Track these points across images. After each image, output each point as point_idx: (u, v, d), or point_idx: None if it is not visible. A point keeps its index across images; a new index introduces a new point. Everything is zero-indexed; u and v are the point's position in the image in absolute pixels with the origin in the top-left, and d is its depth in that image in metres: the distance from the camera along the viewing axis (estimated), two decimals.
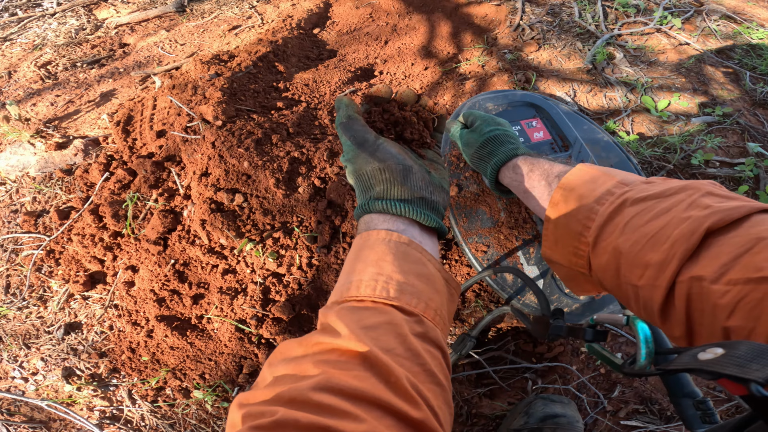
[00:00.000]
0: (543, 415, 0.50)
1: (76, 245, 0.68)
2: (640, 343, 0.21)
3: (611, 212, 0.29)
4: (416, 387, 0.21)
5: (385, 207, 0.29)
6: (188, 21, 1.10)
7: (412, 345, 0.23)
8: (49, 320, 0.66)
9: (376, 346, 0.21)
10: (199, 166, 0.66)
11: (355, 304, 0.25)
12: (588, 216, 0.30)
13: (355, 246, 0.29)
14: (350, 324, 0.22)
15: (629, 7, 1.03)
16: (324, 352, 0.21)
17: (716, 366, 0.16)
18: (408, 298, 0.25)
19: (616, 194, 0.30)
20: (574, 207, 0.32)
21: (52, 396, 0.60)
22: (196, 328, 0.62)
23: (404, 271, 0.26)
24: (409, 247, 0.28)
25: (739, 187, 0.79)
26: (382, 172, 0.30)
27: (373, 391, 0.19)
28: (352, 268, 0.27)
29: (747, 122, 0.87)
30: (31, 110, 0.91)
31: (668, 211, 0.26)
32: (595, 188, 0.31)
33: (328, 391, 0.19)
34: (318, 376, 0.19)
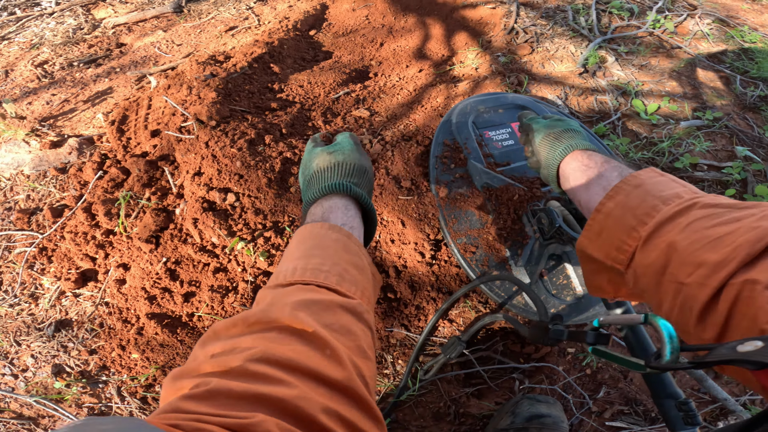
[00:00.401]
0: (529, 415, 0.51)
1: (69, 243, 0.68)
2: (664, 338, 0.20)
3: (676, 212, 0.28)
4: (351, 358, 0.23)
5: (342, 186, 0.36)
6: (185, 22, 1.12)
7: (348, 323, 0.25)
8: (40, 317, 0.67)
9: (316, 322, 0.23)
10: (192, 165, 0.67)
11: (300, 287, 0.27)
12: (648, 212, 0.30)
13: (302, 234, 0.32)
14: (292, 303, 0.24)
15: (623, 11, 1.05)
16: (264, 329, 0.22)
17: (759, 356, 0.16)
18: (348, 285, 0.28)
19: (684, 198, 0.29)
20: (636, 202, 0.31)
21: (41, 393, 0.60)
22: (187, 326, 0.62)
23: (345, 261, 0.30)
24: (349, 239, 0.32)
25: (726, 190, 0.80)
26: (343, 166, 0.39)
27: (308, 362, 0.20)
28: (297, 255, 0.30)
29: (736, 126, 0.89)
30: (27, 108, 0.92)
31: (738, 220, 0.25)
32: (663, 189, 0.31)
33: (263, 362, 0.19)
34: (255, 348, 0.20)
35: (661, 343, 0.20)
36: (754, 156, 0.85)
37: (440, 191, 0.65)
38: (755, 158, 0.84)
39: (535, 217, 0.57)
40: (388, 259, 0.65)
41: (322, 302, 0.25)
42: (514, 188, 0.64)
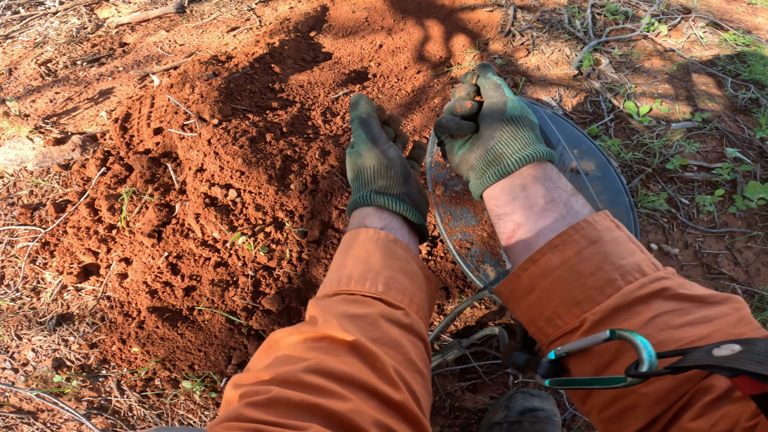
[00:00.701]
0: (522, 409, 0.52)
1: (71, 237, 0.70)
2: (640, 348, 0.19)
3: (639, 297, 0.22)
4: (399, 373, 0.22)
5: (385, 202, 0.31)
6: (188, 22, 1.14)
7: (397, 336, 0.24)
8: (42, 311, 0.68)
9: (363, 336, 0.23)
10: (194, 162, 0.69)
11: (345, 297, 0.26)
12: (602, 288, 0.23)
13: (346, 242, 0.31)
14: (339, 316, 0.24)
15: (618, 14, 1.08)
16: (315, 340, 0.23)
17: (735, 362, 0.15)
18: (394, 293, 0.27)
19: (649, 276, 0.23)
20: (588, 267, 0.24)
21: (41, 386, 0.61)
22: (187, 320, 0.64)
23: (391, 268, 0.28)
24: (395, 245, 0.29)
25: (716, 190, 0.82)
26: (388, 170, 0.32)
27: (360, 375, 0.21)
28: (343, 264, 0.29)
29: (726, 128, 0.91)
30: (31, 106, 0.94)
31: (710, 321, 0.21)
32: (623, 255, 0.24)
33: (318, 374, 0.20)
34: (309, 360, 0.21)
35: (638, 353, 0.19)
36: (743, 157, 0.86)
37: (436, 189, 0.67)
38: (745, 159, 0.86)
39: None
40: None
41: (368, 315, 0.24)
42: None
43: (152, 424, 0.61)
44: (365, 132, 0.34)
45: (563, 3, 1.09)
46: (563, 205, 0.28)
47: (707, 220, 0.80)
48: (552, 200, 0.28)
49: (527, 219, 0.28)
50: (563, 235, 0.26)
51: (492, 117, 0.31)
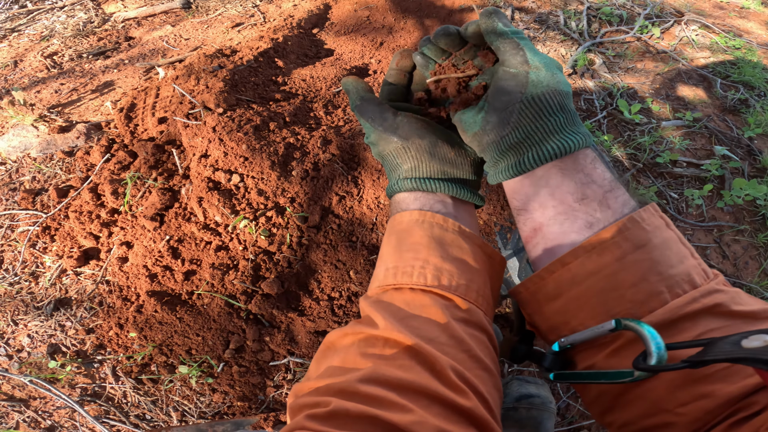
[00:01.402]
0: (518, 395, 0.52)
1: (73, 222, 0.70)
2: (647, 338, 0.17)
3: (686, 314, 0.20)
4: (462, 375, 0.20)
5: (414, 185, 0.27)
6: (193, 17, 1.16)
7: (455, 331, 0.21)
8: (40, 296, 0.68)
9: (417, 336, 0.21)
10: (199, 148, 0.70)
11: (393, 293, 0.24)
12: (644, 301, 0.20)
13: (390, 229, 0.27)
14: (387, 317, 0.22)
15: (612, 17, 1.12)
16: (369, 343, 0.21)
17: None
18: (447, 281, 0.23)
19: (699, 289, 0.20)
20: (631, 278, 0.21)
21: (35, 373, 0.61)
22: (186, 304, 0.64)
23: (442, 254, 0.24)
24: (444, 225, 0.25)
25: (704, 186, 0.84)
26: (407, 150, 0.27)
27: (419, 380, 0.19)
28: (389, 254, 0.26)
29: (716, 127, 0.94)
30: (36, 97, 0.95)
31: None
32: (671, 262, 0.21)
33: (374, 383, 0.19)
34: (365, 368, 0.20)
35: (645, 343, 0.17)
36: (731, 155, 0.89)
37: None
38: (733, 157, 0.89)
39: None
40: None
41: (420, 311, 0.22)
42: None
43: (146, 411, 0.60)
44: (366, 119, 0.29)
45: (559, 5, 1.13)
46: (597, 204, 0.23)
47: (696, 214, 0.81)
48: (583, 198, 0.23)
49: (551, 220, 0.24)
50: (602, 236, 0.21)
51: (507, 95, 0.24)
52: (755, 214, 0.83)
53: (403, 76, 0.31)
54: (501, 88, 0.24)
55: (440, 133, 0.28)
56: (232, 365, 0.62)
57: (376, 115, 0.28)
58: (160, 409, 0.61)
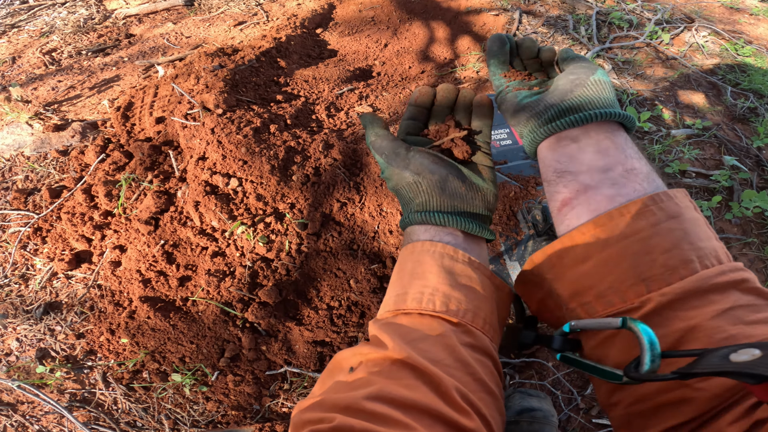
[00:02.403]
0: (520, 409, 0.51)
1: (65, 223, 0.68)
2: (644, 345, 0.18)
3: (716, 284, 0.20)
4: (467, 397, 0.20)
5: (425, 218, 0.28)
6: (195, 15, 1.14)
7: (461, 355, 0.22)
8: (29, 299, 0.65)
9: (424, 358, 0.21)
10: (196, 150, 0.68)
11: (403, 318, 0.25)
12: (676, 267, 0.21)
13: (401, 258, 0.29)
14: (396, 338, 0.22)
15: (622, 21, 1.09)
16: (376, 363, 0.22)
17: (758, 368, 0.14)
18: (455, 309, 0.24)
19: (726, 265, 0.21)
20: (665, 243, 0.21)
21: (23, 377, 0.59)
22: (180, 311, 0.61)
23: (450, 282, 0.25)
24: (454, 255, 0.26)
25: (713, 197, 0.82)
26: (419, 185, 0.29)
27: (424, 400, 0.19)
28: (400, 281, 0.27)
29: (725, 136, 0.92)
30: (32, 93, 0.93)
31: None
32: (701, 237, 0.22)
33: (380, 401, 0.19)
34: (371, 386, 0.20)
35: (641, 350, 0.18)
36: (740, 165, 0.87)
37: None
38: (742, 168, 0.87)
39: (530, 214, 0.58)
40: (386, 250, 0.65)
41: (428, 334, 0.23)
42: (511, 186, 0.65)
43: (137, 418, 0.58)
44: (380, 155, 0.31)
45: (568, 9, 1.10)
46: (644, 177, 0.23)
47: None
48: (632, 169, 0.24)
49: (599, 183, 0.24)
50: (641, 202, 0.22)
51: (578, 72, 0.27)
52: (763, 226, 0.81)
53: (420, 112, 0.34)
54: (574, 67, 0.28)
55: (451, 169, 0.30)
56: (227, 374, 0.59)
57: (390, 151, 0.31)
58: (152, 416, 0.59)
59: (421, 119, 0.34)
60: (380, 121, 0.32)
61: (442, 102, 0.34)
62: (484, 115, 0.33)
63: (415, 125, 0.33)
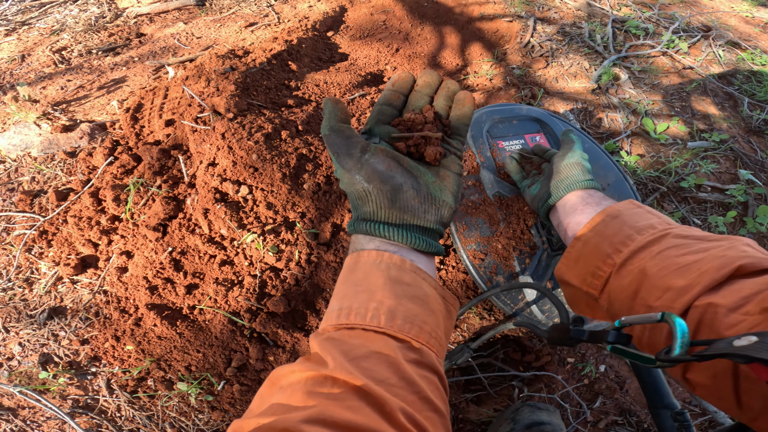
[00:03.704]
0: (529, 422, 0.50)
1: (71, 227, 0.65)
2: (676, 334, 0.21)
3: (649, 241, 0.30)
4: (412, 417, 0.20)
5: (371, 229, 0.27)
6: (206, 15, 1.11)
7: (406, 373, 0.22)
8: (33, 303, 0.63)
9: (368, 377, 0.20)
10: (206, 155, 0.65)
11: (346, 332, 0.24)
12: (623, 241, 0.31)
13: (346, 267, 0.28)
14: (338, 356, 0.21)
15: (638, 30, 1.06)
16: (316, 383, 0.21)
17: (751, 351, 0.17)
18: (400, 324, 0.24)
19: (658, 228, 0.31)
20: (612, 231, 0.32)
21: (24, 382, 0.56)
22: (187, 319, 0.59)
23: (396, 295, 0.25)
24: (401, 267, 0.26)
25: (728, 212, 0.79)
26: (368, 194, 0.27)
27: (368, 422, 0.18)
28: (343, 293, 0.26)
29: (740, 149, 0.89)
30: (41, 93, 0.90)
31: (706, 251, 0.27)
32: (638, 220, 0.32)
33: (320, 424, 0.18)
34: (310, 408, 0.19)
35: (673, 338, 0.21)
36: (756, 180, 0.85)
37: None
38: (757, 182, 0.85)
39: (545, 229, 0.56)
40: None
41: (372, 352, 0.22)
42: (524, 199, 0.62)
43: (141, 426, 0.56)
44: (332, 152, 0.29)
45: (584, 17, 1.07)
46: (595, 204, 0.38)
47: None
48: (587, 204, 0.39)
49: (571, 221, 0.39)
50: (594, 217, 0.35)
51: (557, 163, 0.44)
52: None
53: (397, 97, 0.32)
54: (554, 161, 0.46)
55: (407, 177, 0.28)
56: (234, 383, 0.57)
57: (343, 150, 0.28)
58: (156, 424, 0.57)
59: (397, 106, 0.31)
60: (340, 112, 0.29)
61: (423, 89, 0.31)
62: (464, 115, 0.31)
63: (388, 112, 0.31)
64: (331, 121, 0.29)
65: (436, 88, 0.32)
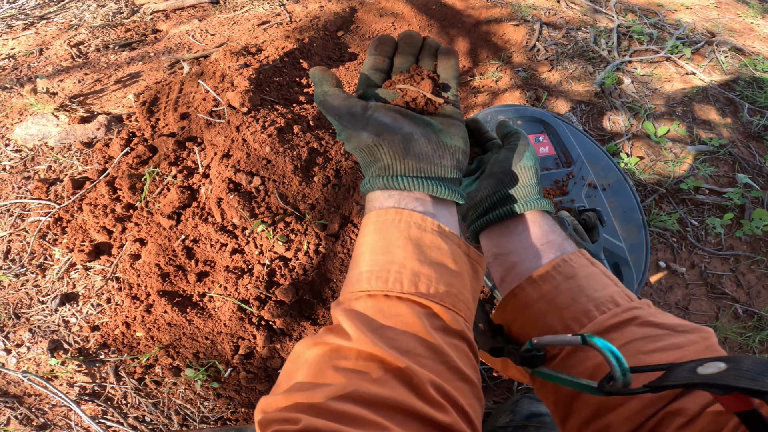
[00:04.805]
0: (528, 413, 0.49)
1: (87, 215, 0.66)
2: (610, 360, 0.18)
3: (612, 325, 0.24)
4: (441, 388, 0.19)
5: (388, 183, 0.25)
6: (220, 13, 1.12)
7: (434, 341, 0.20)
8: (45, 289, 0.63)
9: (393, 348, 0.19)
10: (221, 147, 0.66)
11: (367, 300, 0.22)
12: (578, 318, 0.25)
13: (363, 229, 0.25)
14: (361, 326, 0.20)
15: (643, 35, 1.06)
16: (340, 356, 0.20)
17: (726, 379, 0.15)
18: (424, 288, 0.22)
19: (622, 306, 0.25)
20: (565, 300, 0.26)
21: (33, 369, 0.56)
22: (197, 306, 0.59)
23: (419, 256, 0.23)
24: (422, 225, 0.24)
25: (725, 214, 0.79)
26: (380, 147, 0.25)
27: (395, 396, 0.18)
28: (362, 256, 0.24)
29: (739, 153, 0.89)
30: (58, 86, 0.91)
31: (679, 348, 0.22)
32: (596, 288, 0.26)
33: (347, 399, 0.17)
34: (338, 384, 0.18)
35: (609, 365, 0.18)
36: (753, 184, 0.85)
37: None
38: (754, 186, 0.85)
39: None
40: None
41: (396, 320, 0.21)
42: None
43: (146, 413, 0.56)
44: (332, 116, 0.27)
45: (589, 22, 1.08)
46: (557, 247, 0.28)
47: (714, 242, 0.79)
48: (548, 242, 0.29)
49: (523, 259, 0.28)
50: (542, 270, 0.27)
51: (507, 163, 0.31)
52: None
53: (382, 60, 0.30)
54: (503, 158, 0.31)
55: (417, 125, 0.27)
56: (240, 371, 0.57)
57: (343, 111, 0.27)
58: (161, 411, 0.57)
59: (384, 69, 0.30)
60: (331, 78, 0.28)
61: (406, 49, 0.30)
62: (450, 67, 0.30)
63: (376, 77, 0.29)
64: (324, 87, 0.27)
65: (419, 47, 0.30)
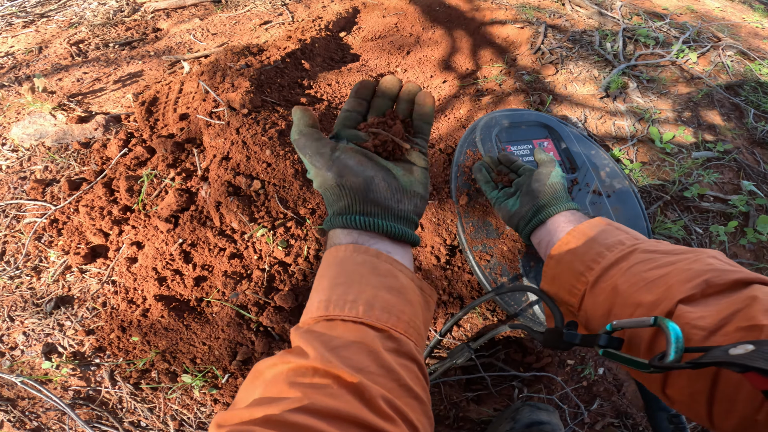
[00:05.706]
0: (529, 422, 0.49)
1: (83, 216, 0.64)
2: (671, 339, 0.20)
3: (618, 258, 0.30)
4: (392, 403, 0.20)
5: (346, 222, 0.27)
6: (222, 12, 1.10)
7: (385, 361, 0.22)
8: (40, 292, 0.62)
9: (348, 366, 0.20)
10: (220, 150, 0.64)
11: (325, 324, 0.24)
12: (595, 259, 0.31)
13: (324, 262, 0.27)
14: (318, 347, 0.21)
15: (649, 39, 1.04)
16: (298, 372, 0.21)
17: (747, 360, 0.16)
18: (378, 314, 0.24)
19: (627, 244, 0.31)
20: (584, 249, 0.33)
21: (26, 372, 0.55)
22: (194, 311, 0.57)
23: (373, 286, 0.25)
24: (377, 259, 0.26)
25: (729, 222, 0.78)
26: (342, 188, 0.28)
27: (348, 408, 0.19)
28: (322, 286, 0.26)
29: (744, 160, 0.88)
30: (57, 84, 0.89)
31: (673, 264, 0.27)
32: (607, 237, 0.33)
33: (303, 412, 0.18)
34: (294, 398, 0.19)
35: (667, 344, 0.20)
36: (758, 191, 0.84)
37: (460, 199, 0.63)
38: (759, 193, 0.84)
39: None
40: None
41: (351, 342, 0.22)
42: None
43: (142, 418, 0.54)
44: (303, 155, 0.30)
45: (594, 25, 1.06)
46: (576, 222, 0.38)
47: (719, 250, 0.78)
48: (569, 221, 0.38)
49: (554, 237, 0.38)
50: (566, 236, 0.36)
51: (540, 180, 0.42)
52: None
53: (360, 104, 0.33)
54: (536, 178, 0.43)
55: (378, 170, 0.29)
56: (238, 377, 0.55)
57: (313, 151, 0.29)
58: (157, 417, 0.55)
59: (361, 111, 0.32)
60: (308, 118, 0.31)
61: (385, 93, 0.32)
62: (425, 113, 0.32)
63: (353, 117, 0.32)
64: (300, 126, 0.30)
65: (396, 92, 0.33)
